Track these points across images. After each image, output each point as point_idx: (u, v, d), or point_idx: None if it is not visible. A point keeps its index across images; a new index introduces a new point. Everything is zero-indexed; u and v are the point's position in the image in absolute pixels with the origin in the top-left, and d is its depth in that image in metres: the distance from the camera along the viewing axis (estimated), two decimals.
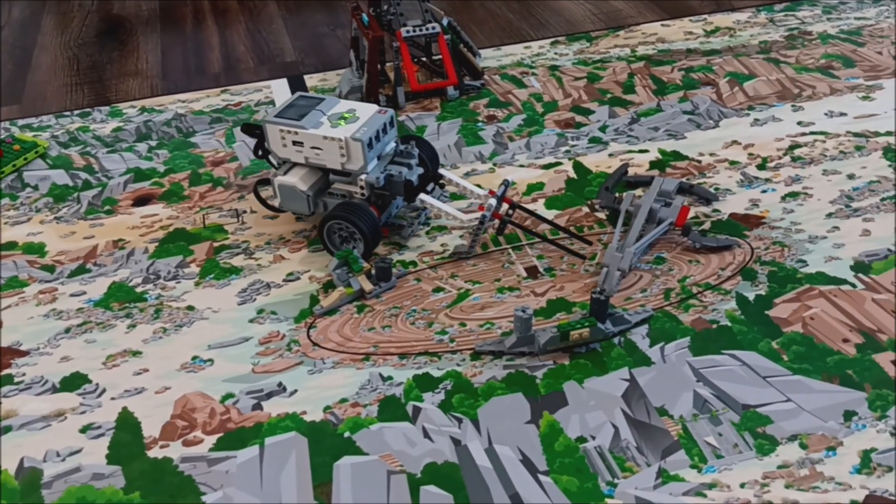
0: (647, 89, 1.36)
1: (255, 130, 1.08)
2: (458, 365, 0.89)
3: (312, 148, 1.01)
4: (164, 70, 1.52)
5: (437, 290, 0.99)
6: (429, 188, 1.08)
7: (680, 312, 0.93)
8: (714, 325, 0.91)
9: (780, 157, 1.18)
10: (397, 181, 1.03)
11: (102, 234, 1.11)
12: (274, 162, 1.07)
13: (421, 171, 1.06)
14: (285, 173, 1.04)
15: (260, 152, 1.08)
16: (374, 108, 1.04)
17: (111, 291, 1.01)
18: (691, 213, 1.07)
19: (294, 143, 1.01)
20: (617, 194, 1.08)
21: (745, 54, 1.44)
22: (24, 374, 0.91)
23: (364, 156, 1.00)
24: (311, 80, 1.45)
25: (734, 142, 1.22)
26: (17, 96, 1.47)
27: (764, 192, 1.11)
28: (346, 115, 1.02)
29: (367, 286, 0.99)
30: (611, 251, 0.97)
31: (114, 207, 1.16)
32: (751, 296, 0.95)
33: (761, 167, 1.16)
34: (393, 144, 1.06)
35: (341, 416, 0.84)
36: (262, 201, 1.11)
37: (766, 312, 0.93)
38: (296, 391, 0.87)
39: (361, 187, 1.02)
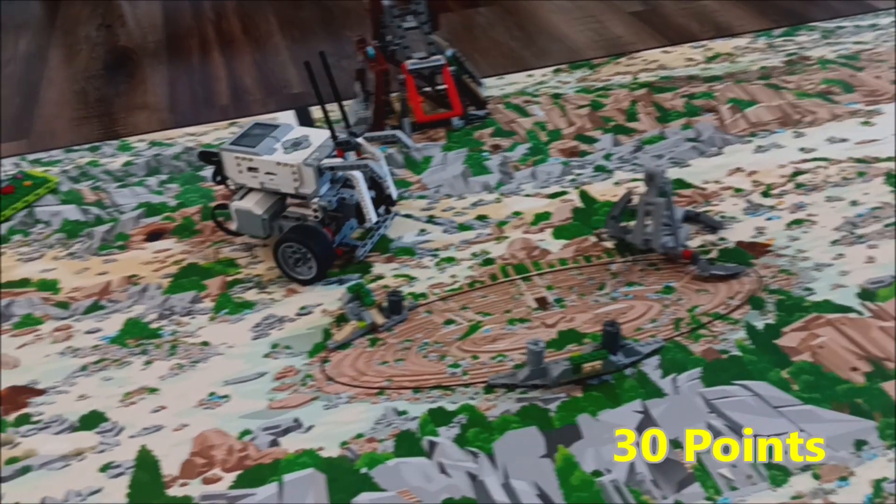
0: (650, 116, 1.38)
1: (212, 157, 1.12)
2: (471, 398, 0.90)
3: (267, 173, 1.06)
4: (172, 103, 1.53)
5: (448, 322, 1.00)
6: (380, 210, 1.13)
7: (690, 342, 0.94)
8: (724, 355, 0.93)
9: (783, 184, 1.19)
10: (349, 204, 1.09)
11: (116, 270, 1.12)
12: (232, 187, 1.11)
13: (373, 193, 1.10)
14: (241, 198, 1.09)
15: (218, 178, 1.11)
16: (326, 133, 1.07)
17: (126, 328, 1.02)
18: (698, 242, 1.09)
19: (249, 168, 1.06)
20: (623, 223, 1.10)
21: (746, 80, 1.46)
22: (41, 414, 0.92)
23: (316, 180, 1.04)
24: (317, 111, 1.47)
25: (738, 169, 1.23)
26: (25, 131, 1.49)
27: (769, 219, 1.13)
28: (299, 142, 1.07)
29: (380, 319, 1.00)
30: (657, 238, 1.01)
31: (126, 243, 1.17)
32: (760, 325, 0.96)
33: (766, 194, 1.17)
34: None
35: (358, 452, 0.85)
36: (220, 225, 1.15)
37: (775, 341, 0.94)
38: (312, 427, 0.88)
39: (315, 210, 1.06)
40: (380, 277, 1.08)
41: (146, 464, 0.85)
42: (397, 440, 0.86)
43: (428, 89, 1.44)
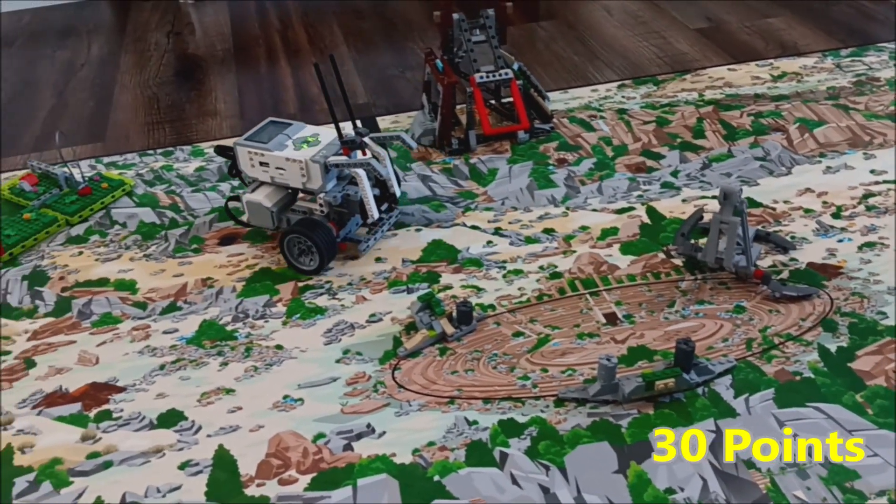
0: (717, 134, 1.37)
1: (228, 152, 1.17)
2: (542, 411, 0.90)
3: (277, 168, 1.11)
4: (242, 110, 1.57)
5: (517, 334, 1.01)
6: (382, 208, 1.18)
7: (763, 363, 0.94)
8: (797, 377, 0.92)
9: (854, 206, 1.18)
10: (353, 200, 1.14)
11: (191, 273, 1.15)
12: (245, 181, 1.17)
13: (377, 192, 1.15)
14: (253, 191, 1.14)
15: (234, 172, 1.17)
16: (335, 133, 1.12)
17: (202, 329, 1.05)
18: (768, 262, 1.08)
19: (261, 163, 1.11)
20: (693, 241, 1.10)
21: (814, 100, 1.45)
22: (121, 410, 0.94)
23: (322, 176, 1.09)
24: (384, 121, 1.49)
25: (807, 189, 1.23)
26: (100, 134, 1.53)
27: (840, 241, 1.12)
28: (310, 140, 1.12)
29: (449, 329, 1.01)
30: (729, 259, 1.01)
31: (201, 246, 1.20)
32: (832, 347, 0.95)
33: (836, 216, 1.17)
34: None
35: (430, 460, 0.86)
36: (232, 216, 1.20)
37: (849, 365, 0.93)
38: (384, 433, 0.89)
39: (321, 205, 1.12)
40: (448, 288, 1.09)
41: (224, 463, 0.87)
42: (468, 449, 0.87)
43: (493, 102, 1.46)
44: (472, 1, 1.46)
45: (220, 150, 1.20)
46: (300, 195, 1.14)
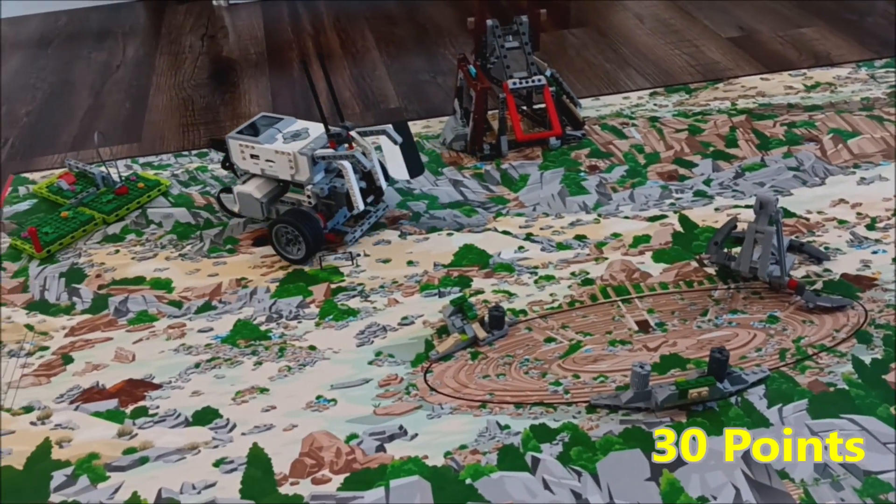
0: (750, 143, 1.37)
1: (222, 145, 1.20)
2: (573, 417, 0.91)
3: (267, 161, 1.15)
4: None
5: (549, 340, 1.02)
6: (368, 200, 1.21)
7: (796, 374, 0.94)
8: (831, 388, 0.92)
9: (888, 218, 1.18)
10: (340, 192, 1.18)
11: (225, 273, 1.16)
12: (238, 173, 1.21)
13: (363, 184, 1.19)
14: (244, 183, 1.18)
15: (228, 165, 1.21)
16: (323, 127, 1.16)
17: (237, 328, 1.06)
18: (802, 273, 1.08)
19: (251, 156, 1.15)
20: (726, 250, 1.09)
21: (848, 111, 1.44)
22: (157, 407, 0.96)
23: (310, 168, 1.13)
24: (415, 126, 1.50)
25: (841, 200, 1.22)
26: (135, 135, 1.55)
27: (874, 252, 1.11)
28: (299, 133, 1.16)
29: (481, 333, 1.01)
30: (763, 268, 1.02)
31: (235, 247, 1.21)
32: (867, 359, 0.95)
33: (870, 227, 1.16)
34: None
35: (462, 463, 0.86)
36: (223, 207, 1.25)
37: (884, 377, 0.93)
38: (416, 435, 0.90)
39: (308, 196, 1.15)
40: (479, 292, 1.10)
41: (258, 461, 0.88)
42: (500, 453, 0.87)
43: (525, 108, 1.46)
44: (505, 7, 1.47)
45: (214, 143, 1.24)
46: (291, 187, 1.19)
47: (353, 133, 1.17)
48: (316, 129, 1.17)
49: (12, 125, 1.62)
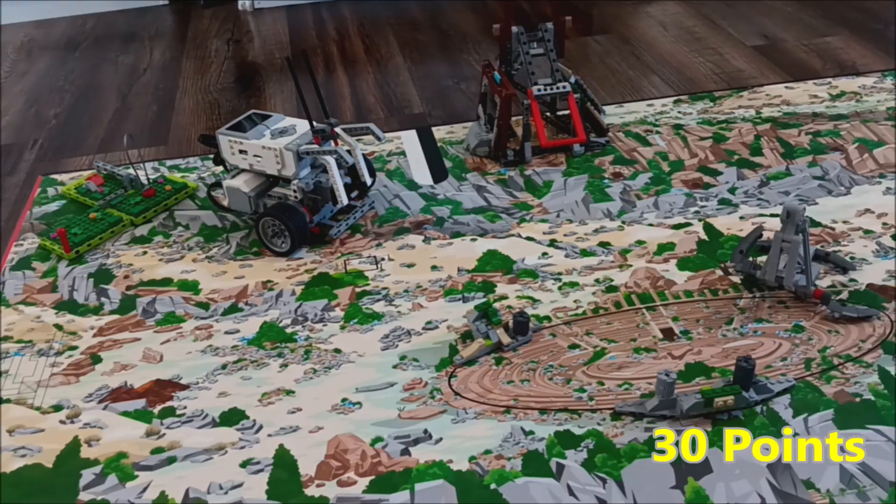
0: (775, 152, 1.37)
1: (211, 141, 1.24)
2: (598, 424, 0.91)
3: (255, 156, 1.18)
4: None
5: (573, 346, 1.02)
6: (353, 195, 1.25)
7: (822, 384, 0.93)
8: (857, 399, 0.91)
9: None
10: (325, 187, 1.21)
11: (251, 275, 1.17)
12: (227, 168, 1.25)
13: (348, 180, 1.23)
14: (233, 177, 1.22)
15: (219, 160, 1.24)
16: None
17: (263, 331, 1.07)
18: (828, 282, 1.08)
19: (240, 151, 1.19)
20: (752, 258, 1.09)
21: (873, 120, 1.44)
22: (185, 407, 0.97)
23: (295, 163, 1.16)
24: (439, 131, 1.51)
25: (867, 210, 1.21)
26: (163, 137, 1.57)
27: None
28: (286, 130, 1.19)
29: (505, 339, 1.02)
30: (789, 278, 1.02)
31: (261, 250, 1.22)
32: (893, 370, 0.95)
33: None
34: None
35: (487, 468, 0.87)
36: (214, 201, 1.28)
37: None
38: (441, 439, 0.90)
39: (294, 190, 1.18)
40: (503, 298, 1.10)
41: (284, 462, 0.89)
42: (525, 459, 0.87)
43: (548, 114, 1.47)
44: (528, 14, 1.47)
45: (204, 140, 1.27)
46: (280, 183, 1.21)
47: (337, 130, 1.21)
48: (303, 125, 1.20)
49: (41, 127, 1.64)
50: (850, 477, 0.83)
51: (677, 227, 1.21)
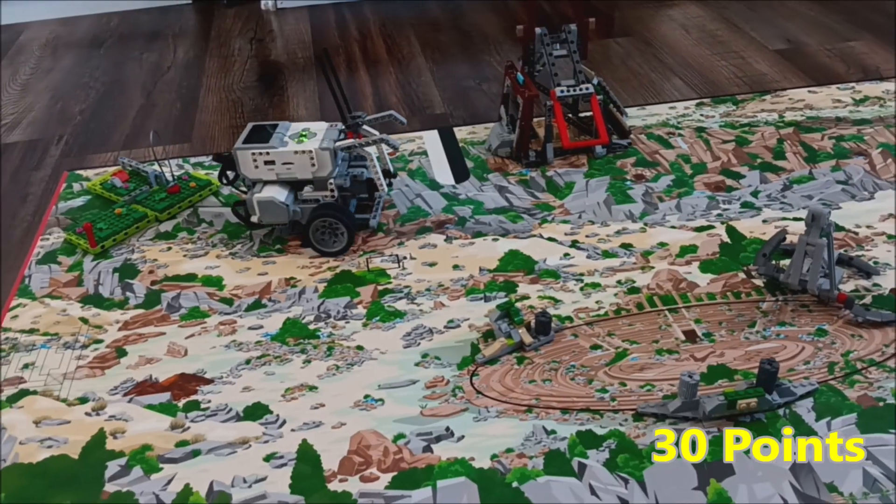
0: (798, 156, 1.36)
1: (228, 159, 1.21)
2: (620, 424, 0.91)
3: (284, 164, 1.17)
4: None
5: (595, 347, 1.02)
6: (387, 181, 1.25)
7: (845, 388, 0.93)
8: (881, 403, 0.91)
9: None
10: (360, 180, 1.24)
11: (275, 272, 1.18)
12: (243, 187, 1.23)
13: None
14: (260, 191, 1.18)
15: (225, 179, 1.22)
16: (324, 124, 1.21)
17: (286, 327, 1.08)
18: (851, 287, 1.07)
19: (266, 162, 1.16)
20: (775, 262, 1.09)
21: None
22: (209, 402, 0.98)
23: (332, 162, 1.16)
24: (460, 132, 1.51)
25: (890, 215, 1.21)
26: (186, 134, 1.58)
27: None
28: (304, 133, 1.19)
29: (527, 339, 1.02)
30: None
31: (284, 247, 1.23)
32: None
33: None
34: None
35: (508, 466, 0.87)
36: (242, 219, 1.23)
37: None
38: (463, 437, 0.91)
39: (332, 190, 1.18)
40: (525, 298, 1.11)
41: (307, 457, 0.89)
42: (546, 458, 0.88)
43: (570, 116, 1.47)
44: (550, 15, 1.48)
45: (220, 158, 1.23)
46: (305, 187, 1.20)
47: (364, 126, 1.24)
48: (317, 126, 1.21)
49: (66, 123, 1.66)
50: (873, 481, 0.83)
51: (700, 229, 1.21)
